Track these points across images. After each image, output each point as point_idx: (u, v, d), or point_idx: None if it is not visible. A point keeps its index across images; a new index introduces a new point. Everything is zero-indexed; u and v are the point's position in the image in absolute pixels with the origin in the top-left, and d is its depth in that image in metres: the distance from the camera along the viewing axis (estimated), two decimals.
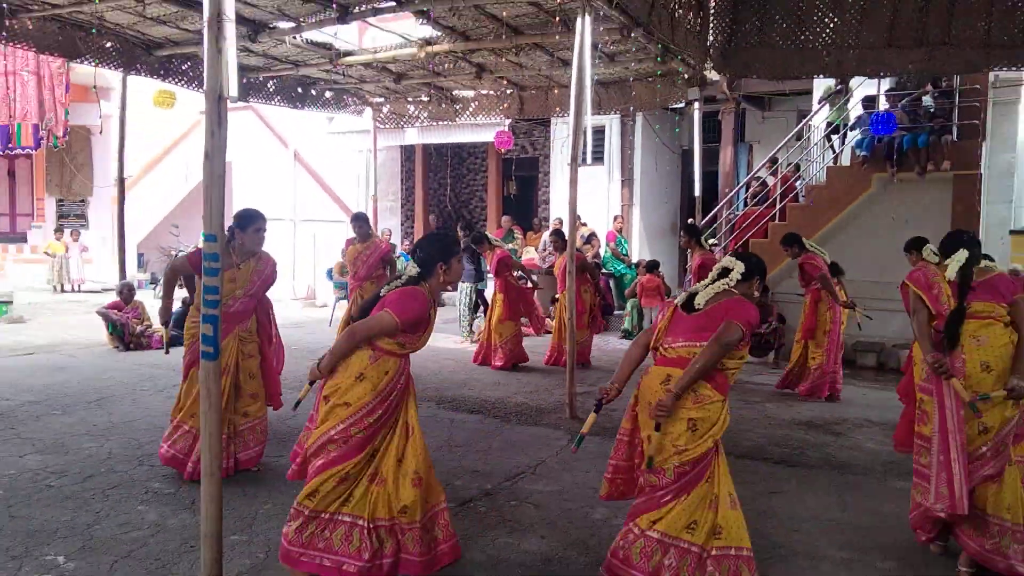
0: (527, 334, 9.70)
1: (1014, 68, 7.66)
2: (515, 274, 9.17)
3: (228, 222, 5.13)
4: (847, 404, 7.29)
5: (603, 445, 5.71)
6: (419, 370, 8.33)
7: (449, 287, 3.65)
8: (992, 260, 4.25)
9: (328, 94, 11.94)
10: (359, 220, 7.93)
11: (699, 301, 3.40)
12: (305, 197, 15.98)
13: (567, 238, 7.20)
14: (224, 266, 4.37)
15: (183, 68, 9.70)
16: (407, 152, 16.36)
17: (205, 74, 3.24)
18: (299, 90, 11.50)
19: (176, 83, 9.82)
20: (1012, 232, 9.39)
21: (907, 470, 5.09)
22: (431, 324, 3.47)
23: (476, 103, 11.92)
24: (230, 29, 3.20)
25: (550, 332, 11.14)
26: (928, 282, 3.90)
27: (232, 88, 3.31)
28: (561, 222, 13.42)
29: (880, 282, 8.58)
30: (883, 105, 9.78)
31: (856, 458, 5.52)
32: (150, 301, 11.68)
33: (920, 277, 3.96)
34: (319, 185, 15.99)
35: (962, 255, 3.85)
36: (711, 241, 12.08)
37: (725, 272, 3.47)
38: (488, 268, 9.42)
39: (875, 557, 3.84)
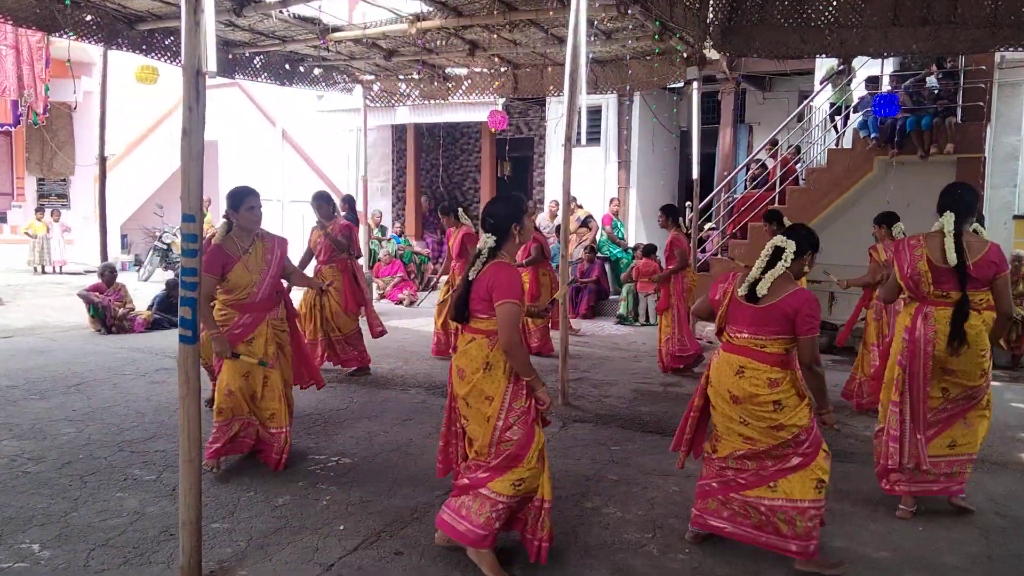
0: None
1: (1020, 48, 7.61)
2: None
3: (215, 202, 5.14)
4: (837, 391, 7.29)
5: (596, 432, 5.74)
6: (406, 355, 8.34)
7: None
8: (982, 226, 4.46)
9: (317, 71, 11.82)
10: (319, 200, 7.35)
11: (761, 290, 3.49)
12: (293, 177, 15.90)
13: (560, 220, 7.15)
14: (234, 255, 4.48)
15: (166, 43, 9.58)
16: (398, 132, 16.27)
17: (183, 48, 3.19)
18: (287, 67, 11.38)
19: (159, 58, 9.70)
20: (1016, 217, 9.40)
21: None
22: None
23: (469, 81, 11.82)
24: (208, 1, 3.15)
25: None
26: (899, 252, 4.22)
27: (211, 63, 3.29)
28: (557, 204, 13.39)
29: None
30: (886, 86, 9.75)
31: (854, 446, 5.53)
32: (133, 283, 11.64)
33: (898, 245, 4.26)
34: (307, 165, 15.91)
35: (949, 221, 4.04)
36: (708, 225, 12.09)
37: (778, 252, 3.54)
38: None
39: (869, 549, 3.85)
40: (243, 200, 4.53)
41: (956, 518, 4.23)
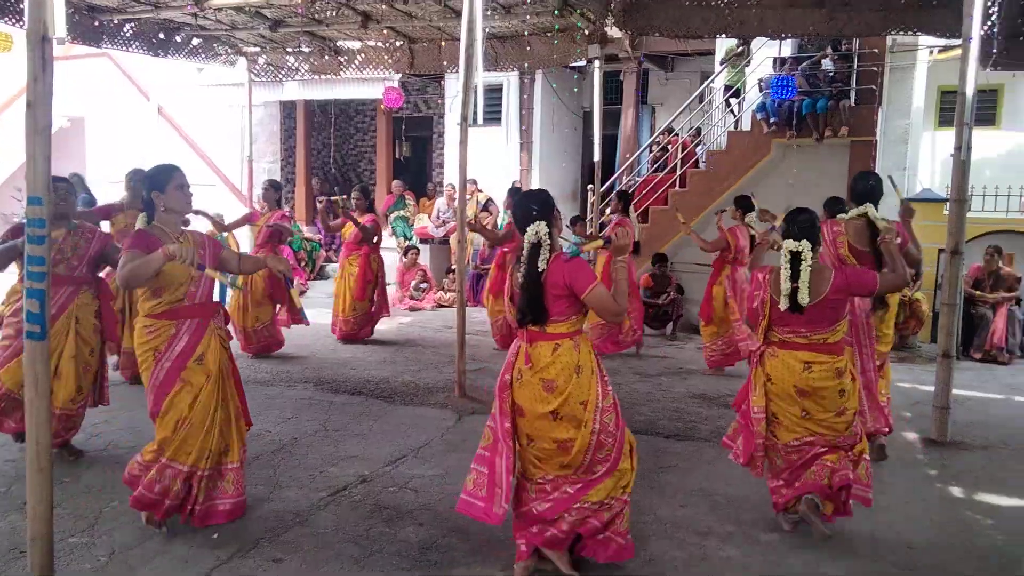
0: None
1: (910, 32, 8.04)
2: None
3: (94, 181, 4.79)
4: (741, 376, 7.57)
5: None
6: (295, 349, 8.16)
7: None
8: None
9: (196, 41, 11.32)
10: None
11: (803, 299, 3.75)
12: (171, 157, 15.24)
13: (457, 202, 7.11)
14: (155, 247, 3.65)
15: (19, 7, 8.99)
16: (287, 108, 15.82)
17: (26, 10, 2.99)
18: (161, 36, 10.85)
19: (12, 23, 9.09)
20: (906, 200, 9.94)
21: None
22: None
23: (362, 56, 11.58)
24: None
25: (445, 305, 11.16)
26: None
27: (59, 27, 3.09)
28: (454, 188, 13.33)
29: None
30: (783, 68, 10.12)
31: None
32: None
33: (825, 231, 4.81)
34: (187, 144, 15.28)
35: (872, 210, 4.82)
36: (610, 209, 12.29)
37: (796, 257, 3.77)
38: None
39: (760, 531, 4.02)
40: (171, 178, 3.81)
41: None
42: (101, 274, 4.99)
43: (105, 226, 6.11)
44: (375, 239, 8.64)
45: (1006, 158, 12.68)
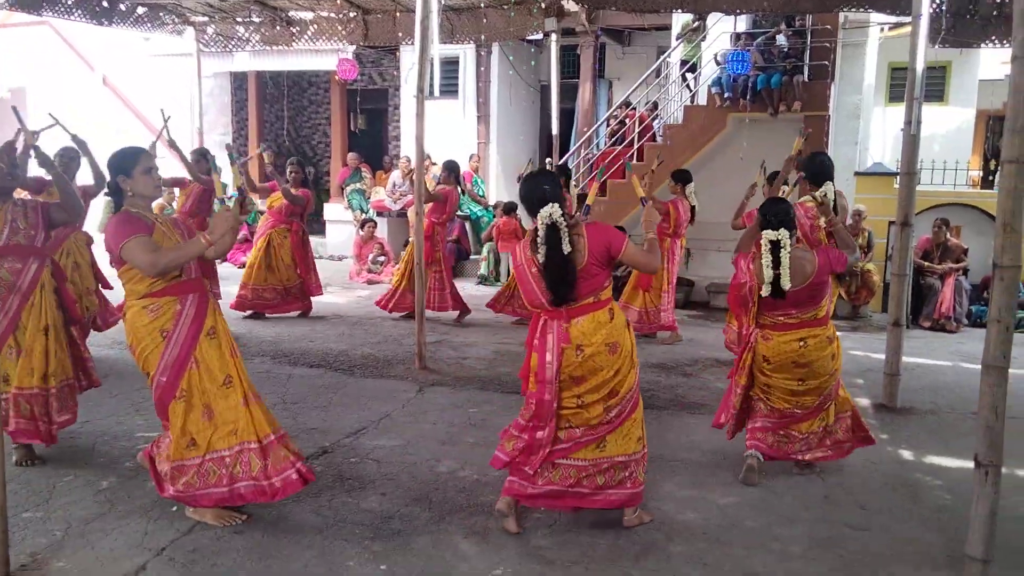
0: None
1: (861, 10, 8.15)
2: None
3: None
4: (698, 345, 7.72)
5: (453, 395, 5.78)
6: (250, 321, 8.07)
7: None
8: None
9: (140, 10, 10.97)
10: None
11: (785, 285, 3.94)
12: (117, 129, 14.82)
13: (415, 176, 7.05)
14: (147, 222, 3.54)
15: None
16: (238, 80, 15.48)
17: None
18: (104, 3, 10.49)
19: None
20: (857, 173, 10.14)
21: None
22: None
23: (315, 26, 11.35)
24: None
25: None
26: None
27: None
28: (408, 160, 13.21)
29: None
30: (737, 44, 10.21)
31: (704, 398, 5.87)
32: None
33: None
34: (134, 115, 14.88)
35: (830, 189, 5.03)
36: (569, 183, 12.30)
37: (776, 246, 3.93)
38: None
39: (717, 495, 4.10)
40: (136, 161, 3.60)
41: (796, 465, 4.58)
42: None
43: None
44: (303, 215, 8.53)
45: (954, 133, 12.99)
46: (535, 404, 3.52)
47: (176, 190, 8.47)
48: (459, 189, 8.90)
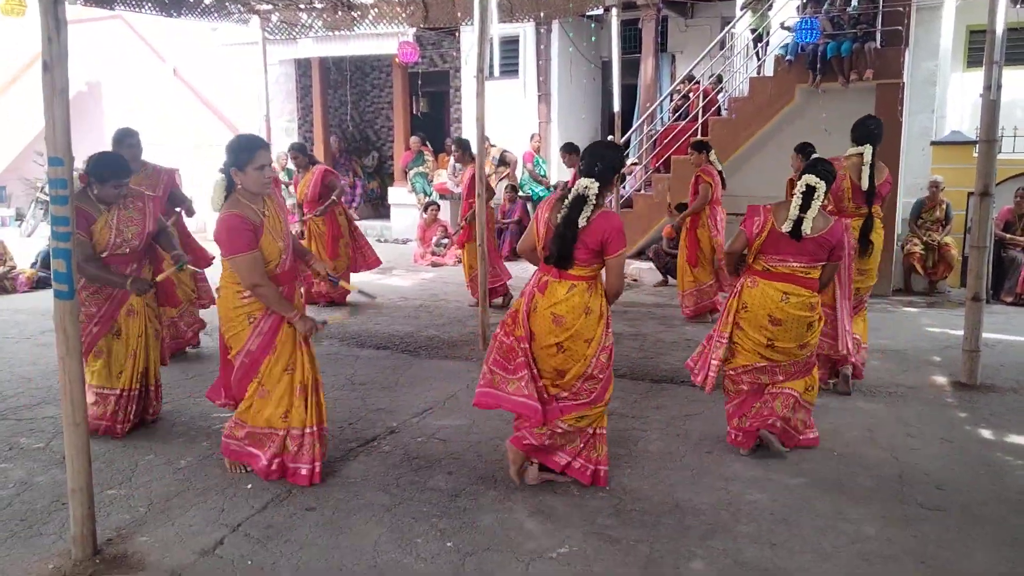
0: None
1: None
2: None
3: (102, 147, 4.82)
4: None
5: None
6: (320, 308, 8.24)
7: None
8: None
9: (207, 0, 11.26)
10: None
11: (805, 229, 4.04)
12: (189, 119, 15.26)
13: (475, 154, 7.05)
14: (258, 222, 3.64)
15: None
16: (302, 66, 15.72)
17: None
18: None
19: None
20: (933, 143, 9.76)
21: (824, 388, 5.38)
22: None
23: (376, 10, 11.45)
24: None
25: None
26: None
27: None
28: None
29: None
30: (806, 11, 9.89)
31: None
32: (15, 239, 11.07)
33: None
34: (205, 105, 15.29)
35: (868, 152, 5.15)
36: (631, 159, 12.17)
37: (811, 191, 4.06)
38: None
39: (785, 475, 4.04)
40: (252, 157, 3.61)
41: (870, 443, 4.47)
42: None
43: None
44: (337, 192, 8.32)
45: None
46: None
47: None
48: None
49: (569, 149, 8.55)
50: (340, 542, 3.34)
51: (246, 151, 3.61)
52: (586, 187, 3.50)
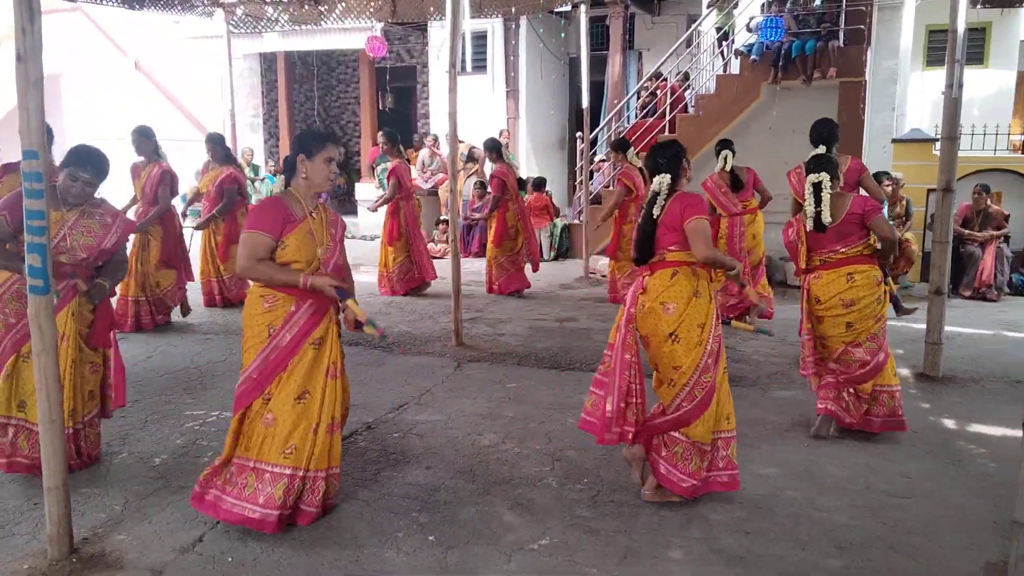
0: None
1: None
2: None
3: (60, 142, 4.70)
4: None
5: (490, 371, 5.84)
6: None
7: None
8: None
9: None
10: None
11: (826, 219, 4.37)
12: (150, 113, 15.00)
13: (451, 150, 7.06)
14: (298, 216, 3.41)
15: None
16: (267, 61, 15.58)
17: None
18: None
19: None
20: (894, 140, 9.97)
21: (789, 380, 5.49)
22: None
23: (343, 5, 11.39)
24: None
25: (436, 257, 11.13)
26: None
27: None
28: (435, 139, 13.25)
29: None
30: (769, 11, 10.05)
31: (743, 370, 5.87)
32: None
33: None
34: (167, 99, 15.05)
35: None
36: (599, 156, 12.26)
37: (818, 187, 4.40)
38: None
39: (757, 465, 4.12)
40: (321, 147, 3.42)
41: (838, 434, 4.58)
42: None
43: None
44: (221, 207, 7.73)
45: (994, 97, 12.72)
46: (609, 351, 3.72)
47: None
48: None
49: (617, 147, 8.51)
50: (322, 536, 3.34)
51: (319, 140, 3.44)
52: (659, 182, 3.70)
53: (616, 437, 3.62)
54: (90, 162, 3.90)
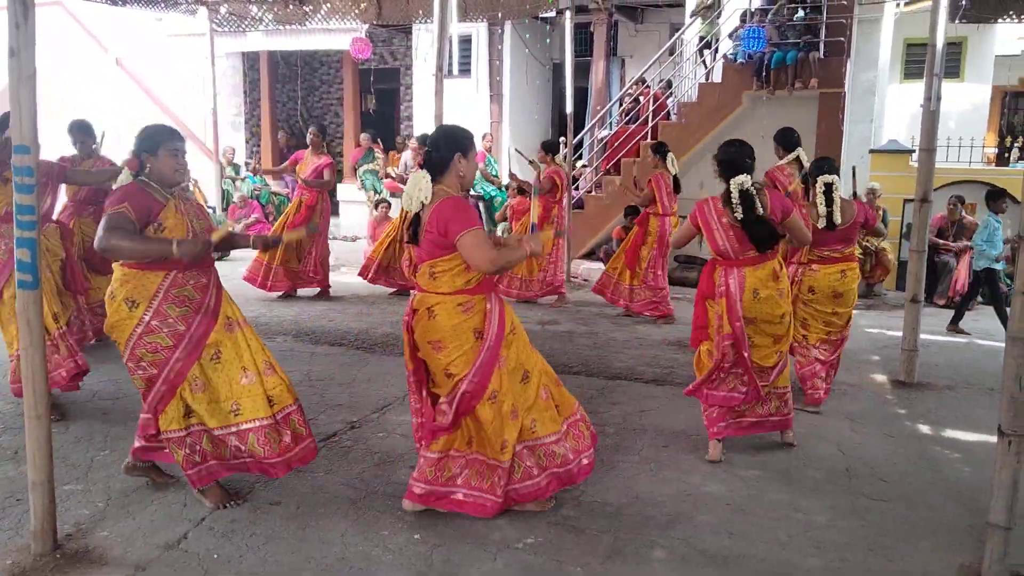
0: None
1: None
2: None
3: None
4: None
5: None
6: (274, 304, 8.16)
7: None
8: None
9: None
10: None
11: (837, 219, 4.88)
12: (132, 112, 14.88)
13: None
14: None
15: None
16: (251, 60, 15.48)
17: None
18: None
19: None
20: (872, 151, 10.12)
21: None
22: None
23: (328, 5, 11.41)
24: None
25: None
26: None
27: None
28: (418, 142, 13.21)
29: None
30: (749, 21, 10.18)
31: None
32: None
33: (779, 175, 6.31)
34: (148, 97, 14.93)
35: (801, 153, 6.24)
36: (581, 162, 12.32)
37: (830, 187, 4.87)
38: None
39: (739, 467, 4.18)
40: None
41: (817, 438, 4.65)
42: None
43: None
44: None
45: (970, 111, 12.94)
46: (730, 340, 4.12)
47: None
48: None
49: (656, 149, 8.23)
50: (307, 535, 3.35)
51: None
52: (741, 183, 4.00)
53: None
54: (175, 132, 3.60)
